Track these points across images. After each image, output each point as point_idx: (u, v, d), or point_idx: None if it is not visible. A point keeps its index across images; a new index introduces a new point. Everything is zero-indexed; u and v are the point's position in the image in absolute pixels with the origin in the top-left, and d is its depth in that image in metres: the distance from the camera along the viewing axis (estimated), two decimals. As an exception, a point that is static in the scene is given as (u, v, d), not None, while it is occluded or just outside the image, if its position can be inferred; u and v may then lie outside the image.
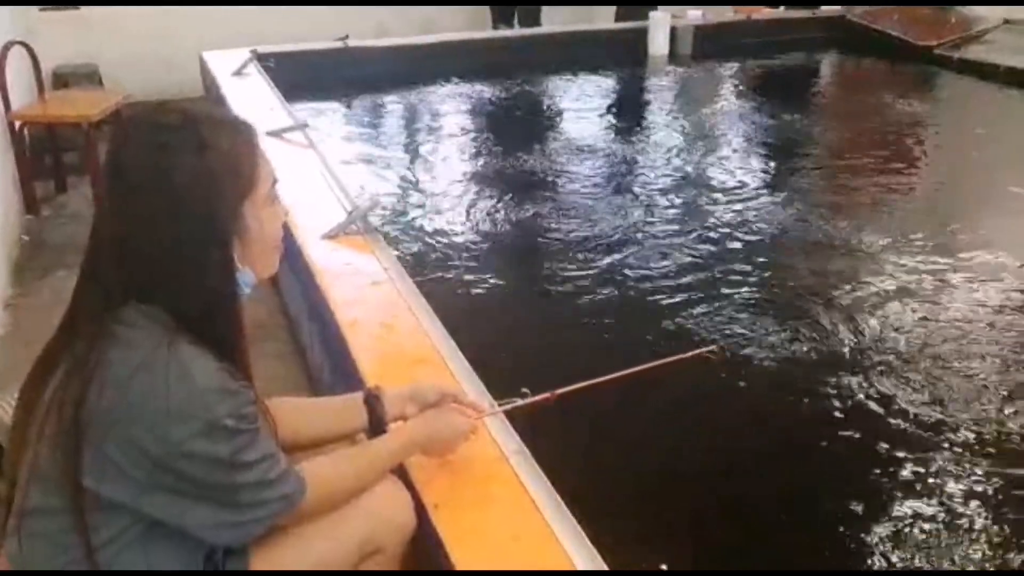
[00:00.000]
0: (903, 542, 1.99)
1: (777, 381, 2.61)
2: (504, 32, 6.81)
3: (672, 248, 3.50)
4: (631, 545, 1.80)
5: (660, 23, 6.68)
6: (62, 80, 5.48)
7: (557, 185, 4.24)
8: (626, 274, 3.28)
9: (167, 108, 1.22)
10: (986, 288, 3.17)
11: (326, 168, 3.30)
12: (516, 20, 6.98)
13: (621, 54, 6.62)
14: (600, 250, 3.47)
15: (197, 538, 1.21)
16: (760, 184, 4.29)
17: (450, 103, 5.74)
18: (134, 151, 1.18)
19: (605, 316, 3.00)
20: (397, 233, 3.59)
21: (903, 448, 2.30)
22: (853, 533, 2.02)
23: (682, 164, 4.57)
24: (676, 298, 3.09)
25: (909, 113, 5.55)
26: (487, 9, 6.96)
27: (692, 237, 3.60)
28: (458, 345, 2.02)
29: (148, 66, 5.85)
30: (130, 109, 4.25)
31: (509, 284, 3.22)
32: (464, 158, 4.67)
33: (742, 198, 4.07)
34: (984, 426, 2.39)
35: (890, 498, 2.13)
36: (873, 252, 3.47)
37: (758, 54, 6.92)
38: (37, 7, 5.46)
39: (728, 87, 6.45)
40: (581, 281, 3.22)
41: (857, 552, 1.97)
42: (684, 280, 3.22)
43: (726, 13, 7.31)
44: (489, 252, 3.48)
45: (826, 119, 5.92)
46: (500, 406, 1.67)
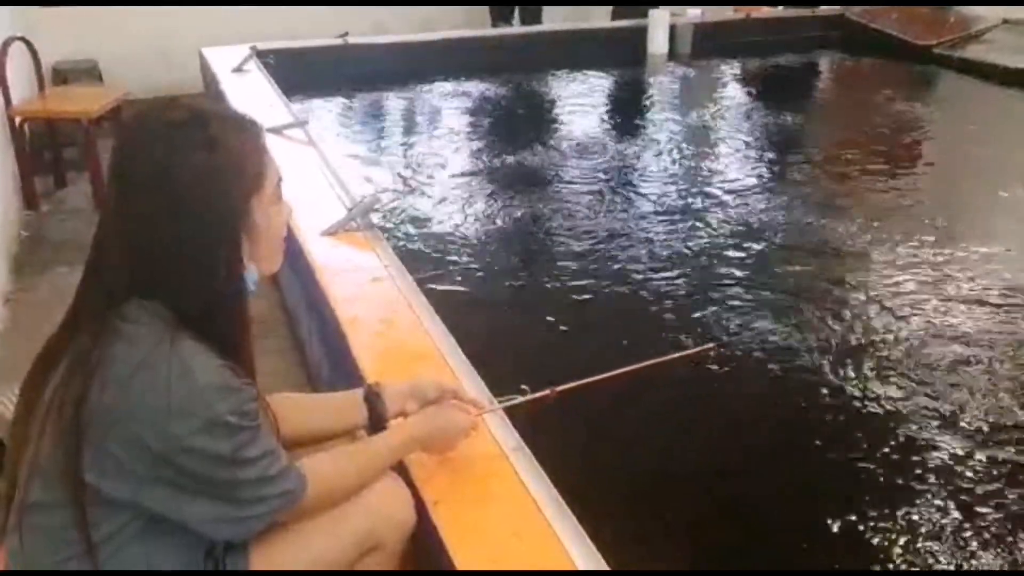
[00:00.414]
0: (903, 542, 1.99)
1: (776, 380, 2.61)
2: (504, 30, 6.81)
3: (671, 246, 3.51)
4: (630, 542, 1.80)
5: (659, 21, 6.67)
6: (62, 76, 5.48)
7: (556, 182, 4.24)
8: (625, 272, 3.28)
9: (176, 105, 1.21)
10: (985, 287, 3.17)
11: (326, 165, 3.30)
12: (517, 18, 6.98)
13: (620, 52, 6.61)
14: (599, 247, 3.48)
15: (198, 534, 1.21)
16: (759, 183, 4.29)
17: (450, 101, 5.74)
18: (143, 148, 1.18)
19: (604, 313, 3.01)
20: (397, 230, 3.60)
21: (902, 448, 2.30)
22: (853, 533, 2.02)
23: (681, 162, 4.58)
24: (675, 296, 3.10)
25: (907, 113, 5.55)
26: (486, 8, 6.96)
27: (691, 235, 3.61)
28: (458, 342, 2.02)
29: (148, 62, 5.85)
30: (132, 106, 4.25)
31: (509, 281, 3.23)
32: (464, 156, 4.67)
33: (741, 196, 4.07)
34: (984, 426, 2.39)
35: (889, 498, 2.13)
36: (871, 251, 3.47)
37: (757, 53, 6.91)
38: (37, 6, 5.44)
39: (727, 85, 6.45)
40: (580, 278, 3.22)
41: (857, 552, 1.98)
42: (683, 278, 3.23)
43: (725, 11, 7.30)
44: (489, 249, 3.48)
45: (824, 118, 5.93)
46: (500, 403, 1.68)
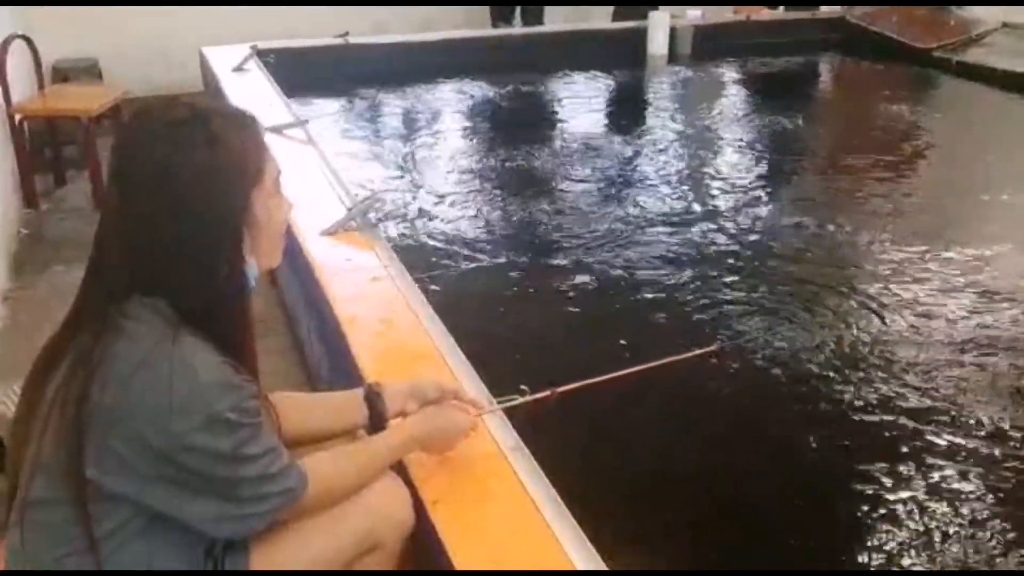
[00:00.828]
0: (903, 542, 2.00)
1: (777, 381, 2.62)
2: (504, 31, 6.81)
3: (671, 248, 3.51)
4: (629, 543, 1.80)
5: (659, 23, 6.67)
6: (62, 74, 5.47)
7: (556, 183, 4.25)
8: (625, 273, 3.28)
9: (176, 103, 1.22)
10: (984, 290, 3.17)
11: (326, 164, 3.30)
12: (518, 18, 6.97)
13: (620, 54, 6.61)
14: (598, 249, 3.48)
15: (199, 531, 1.21)
16: (759, 185, 4.29)
17: (450, 101, 5.74)
18: (144, 147, 1.18)
19: (604, 315, 3.01)
20: (397, 230, 3.60)
21: (902, 448, 2.31)
22: (852, 533, 2.03)
23: (681, 164, 4.58)
24: (675, 298, 3.10)
25: (907, 116, 5.55)
26: (486, 8, 6.96)
27: (690, 237, 3.61)
28: (457, 342, 2.03)
29: (148, 61, 5.85)
30: (132, 104, 4.25)
31: (508, 281, 3.23)
32: (464, 156, 4.67)
33: (740, 198, 4.08)
34: (984, 427, 2.40)
35: (889, 498, 2.13)
36: (871, 254, 3.48)
37: (757, 55, 6.91)
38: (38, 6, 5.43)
39: (727, 87, 6.46)
40: (580, 279, 3.22)
41: (857, 552, 1.98)
42: (683, 280, 3.23)
43: (725, 13, 7.31)
44: (488, 249, 3.48)
45: (824, 121, 5.94)
46: (499, 403, 1.68)
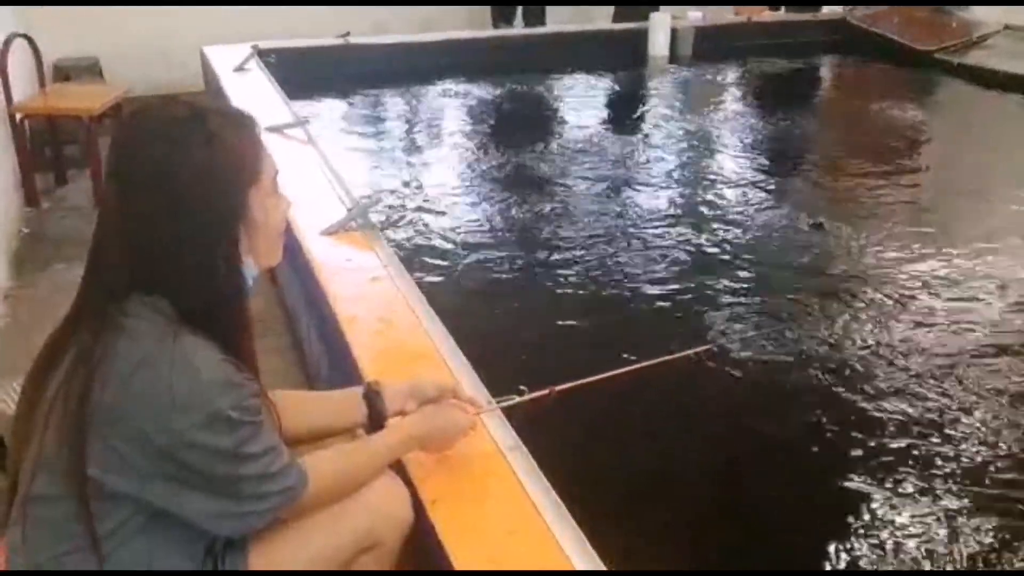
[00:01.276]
0: (902, 542, 2.00)
1: (775, 381, 2.62)
2: (505, 31, 6.81)
3: (670, 248, 3.51)
4: (627, 542, 1.80)
5: (660, 24, 6.68)
6: (63, 73, 5.47)
7: (556, 184, 4.25)
8: (624, 273, 3.29)
9: (174, 101, 1.23)
10: (983, 293, 3.18)
11: (326, 164, 3.30)
12: (521, 19, 6.97)
13: (621, 54, 6.62)
14: (598, 249, 3.48)
15: (199, 529, 1.22)
16: (758, 186, 4.29)
17: (450, 101, 5.75)
18: (143, 145, 1.19)
19: (603, 314, 3.01)
20: (397, 230, 3.60)
21: (902, 449, 2.31)
22: (852, 533, 2.03)
23: (681, 165, 4.58)
24: (674, 297, 3.11)
25: (908, 118, 5.55)
26: (487, 8, 6.96)
27: (690, 238, 3.62)
28: (456, 342, 2.03)
29: (149, 61, 5.86)
30: (132, 104, 4.25)
31: (508, 281, 3.23)
32: (464, 156, 4.68)
33: (740, 199, 4.08)
34: (984, 428, 2.40)
35: (889, 498, 2.13)
36: (869, 256, 3.48)
37: (758, 56, 6.92)
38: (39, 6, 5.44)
39: (728, 89, 6.45)
40: (579, 279, 3.23)
41: (857, 552, 1.98)
42: (682, 280, 3.23)
43: (726, 15, 7.32)
44: (488, 250, 3.48)
45: (824, 122, 5.94)
46: (498, 403, 1.68)
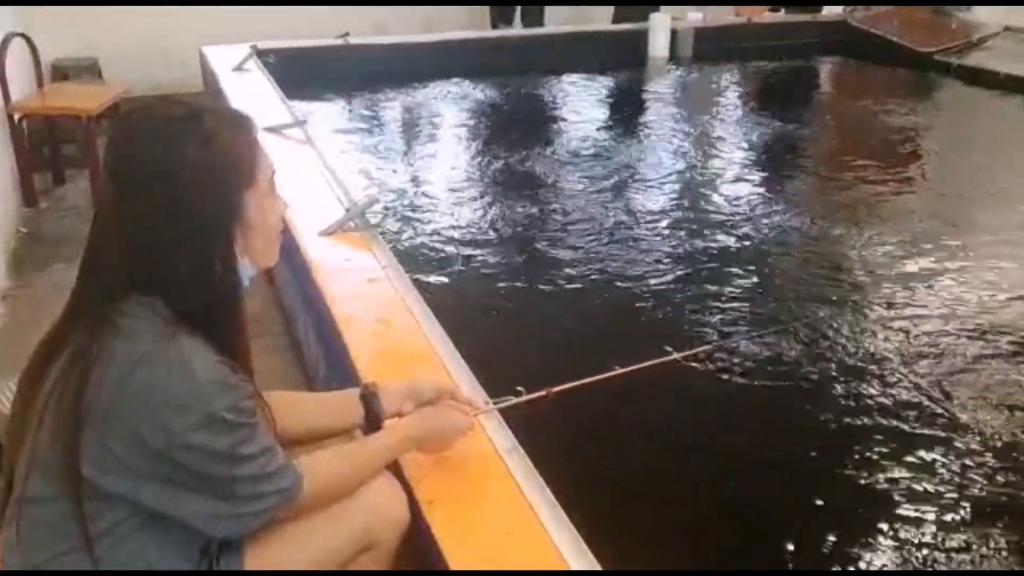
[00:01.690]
0: (902, 542, 2.00)
1: (774, 381, 2.62)
2: (505, 32, 6.82)
3: (669, 248, 3.51)
4: (624, 543, 1.80)
5: (660, 25, 6.68)
6: (62, 73, 5.47)
7: (555, 185, 4.25)
8: (623, 274, 3.28)
9: (171, 101, 1.23)
10: (985, 295, 3.17)
11: (324, 165, 3.30)
12: (519, 19, 6.97)
13: (621, 55, 6.63)
14: (597, 250, 3.48)
15: (194, 530, 1.21)
16: (758, 187, 4.30)
17: (449, 102, 5.75)
18: (140, 144, 1.18)
19: (601, 315, 3.01)
20: (395, 230, 3.60)
21: (902, 449, 2.31)
22: (852, 533, 2.03)
23: (680, 166, 4.58)
24: (673, 298, 3.10)
25: (907, 119, 5.55)
26: (487, 9, 6.96)
27: (689, 239, 3.62)
28: (454, 342, 2.02)
29: (148, 60, 5.86)
30: (130, 103, 4.24)
31: (506, 282, 3.23)
32: (463, 157, 4.68)
33: (739, 200, 4.08)
34: (984, 428, 2.40)
35: (889, 499, 2.13)
36: (868, 258, 3.48)
37: (758, 57, 6.92)
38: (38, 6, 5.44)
39: (728, 90, 6.46)
40: (578, 280, 3.23)
41: (857, 552, 1.98)
42: (682, 280, 3.23)
43: (726, 15, 7.32)
44: (487, 250, 3.48)
45: (824, 124, 5.94)
46: (496, 403, 1.68)
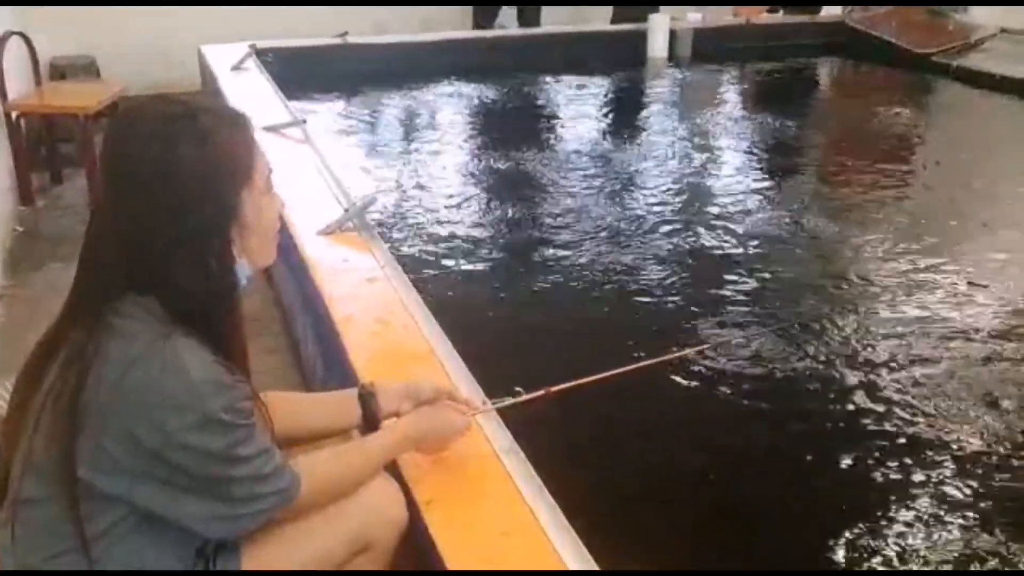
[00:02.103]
0: (902, 542, 2.00)
1: (773, 381, 2.61)
2: (505, 32, 6.80)
3: (667, 249, 3.51)
4: (622, 543, 1.80)
5: (659, 25, 6.68)
6: (59, 71, 5.47)
7: (554, 185, 4.24)
8: (621, 274, 3.28)
9: (167, 100, 1.22)
10: (981, 296, 3.17)
11: (323, 164, 3.30)
12: (506, 20, 6.90)
13: (620, 56, 6.63)
14: (596, 249, 3.48)
15: (191, 531, 1.21)
16: (756, 188, 4.30)
17: (449, 102, 5.75)
18: (136, 143, 1.17)
19: (600, 315, 3.01)
20: (393, 230, 3.60)
21: (902, 450, 2.31)
22: (852, 533, 2.02)
23: (679, 167, 4.58)
24: (672, 298, 3.10)
25: (905, 120, 5.55)
26: (499, 9, 6.87)
27: (687, 238, 3.62)
28: (452, 342, 2.02)
29: (146, 59, 5.84)
30: (127, 102, 4.24)
31: (504, 282, 3.23)
32: (462, 157, 4.68)
33: (738, 202, 4.08)
34: (983, 429, 2.40)
35: (889, 499, 2.13)
36: (867, 259, 3.48)
37: (757, 58, 6.92)
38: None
39: (726, 90, 6.46)
40: (577, 280, 3.22)
41: (856, 552, 1.98)
42: (679, 281, 3.23)
43: (725, 16, 7.33)
44: (485, 250, 3.48)
45: (822, 125, 5.94)
46: (494, 403, 1.68)
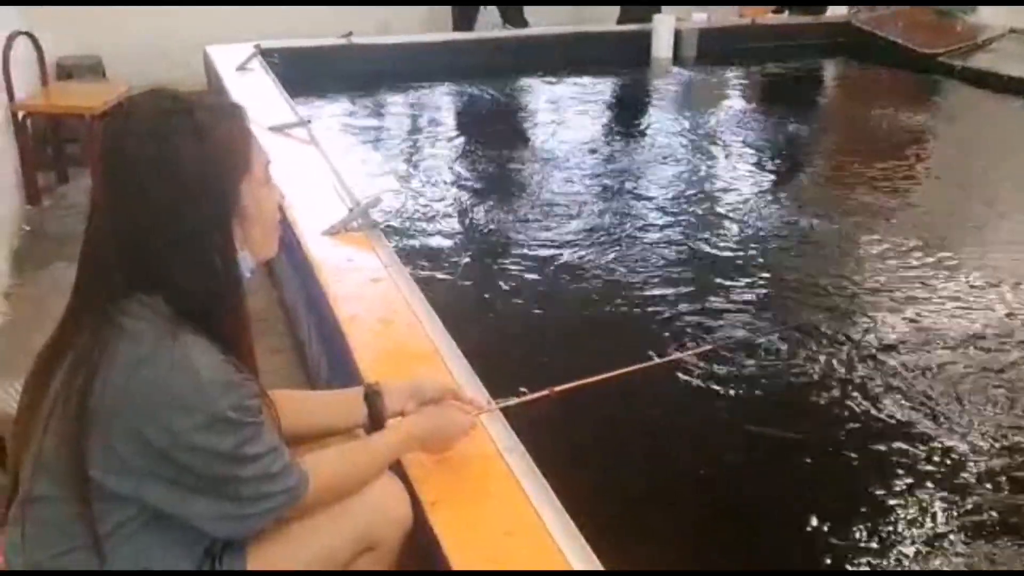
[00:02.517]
0: (901, 542, 2.00)
1: (775, 381, 2.61)
2: (508, 32, 6.79)
3: (671, 250, 3.50)
4: (625, 543, 1.80)
5: (664, 25, 6.68)
6: (66, 71, 5.48)
7: (558, 185, 4.24)
8: (627, 274, 3.28)
9: (163, 95, 1.22)
10: (988, 300, 3.16)
11: (328, 164, 3.30)
12: (494, 18, 6.87)
13: (625, 56, 6.62)
14: (600, 250, 3.48)
15: (199, 530, 1.21)
16: (760, 188, 4.29)
17: (453, 102, 5.75)
18: (134, 139, 1.17)
19: (604, 315, 3.01)
20: (398, 230, 3.60)
21: (902, 450, 2.30)
22: (852, 534, 2.02)
23: (683, 167, 4.57)
24: (674, 299, 3.10)
25: (912, 121, 5.54)
26: (492, 9, 6.89)
27: (691, 239, 3.61)
28: (457, 342, 2.02)
29: (151, 60, 5.84)
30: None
31: (509, 282, 3.23)
32: (466, 157, 4.67)
33: (742, 202, 4.07)
34: (983, 429, 2.40)
35: (889, 499, 2.13)
36: (870, 260, 3.47)
37: (762, 58, 6.91)
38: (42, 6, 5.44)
39: (731, 91, 6.45)
40: (581, 280, 3.22)
41: (856, 552, 1.98)
42: (682, 282, 3.22)
43: (730, 16, 7.32)
44: (489, 250, 3.48)
45: (828, 125, 5.93)
46: (498, 403, 1.68)
